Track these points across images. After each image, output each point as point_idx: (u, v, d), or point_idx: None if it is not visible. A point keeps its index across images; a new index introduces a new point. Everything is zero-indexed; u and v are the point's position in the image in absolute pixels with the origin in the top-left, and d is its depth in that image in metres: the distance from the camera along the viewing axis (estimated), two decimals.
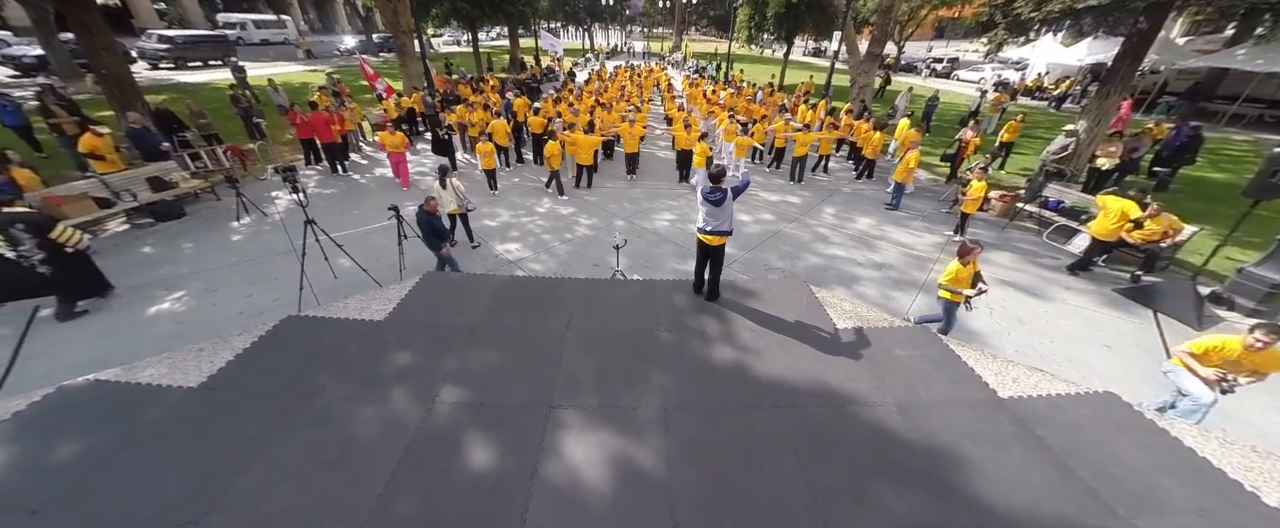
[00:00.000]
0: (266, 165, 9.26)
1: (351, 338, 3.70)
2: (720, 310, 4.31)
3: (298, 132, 9.05)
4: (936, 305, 4.85)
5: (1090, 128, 8.33)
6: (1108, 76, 8.03)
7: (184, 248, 6.35)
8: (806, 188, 9.59)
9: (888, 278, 6.27)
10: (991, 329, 5.24)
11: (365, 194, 8.50)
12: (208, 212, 7.42)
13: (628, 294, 4.53)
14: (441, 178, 6.08)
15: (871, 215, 8.28)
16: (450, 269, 5.46)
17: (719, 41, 44.02)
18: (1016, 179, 9.73)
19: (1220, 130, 14.28)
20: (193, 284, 5.54)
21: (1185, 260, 6.58)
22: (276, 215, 7.42)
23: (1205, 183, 9.47)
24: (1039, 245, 7.24)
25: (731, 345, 3.83)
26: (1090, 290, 6.02)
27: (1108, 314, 5.54)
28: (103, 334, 4.65)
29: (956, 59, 28.58)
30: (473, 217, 6.97)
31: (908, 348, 3.80)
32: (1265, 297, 5.24)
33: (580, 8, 30.80)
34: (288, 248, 6.40)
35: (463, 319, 4.03)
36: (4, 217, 4.40)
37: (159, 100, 9.16)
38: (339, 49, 29.52)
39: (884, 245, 7.17)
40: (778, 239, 7.34)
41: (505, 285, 4.58)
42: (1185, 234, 6.18)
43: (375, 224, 7.22)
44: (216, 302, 5.26)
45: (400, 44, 15.30)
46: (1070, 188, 7.84)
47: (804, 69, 29.05)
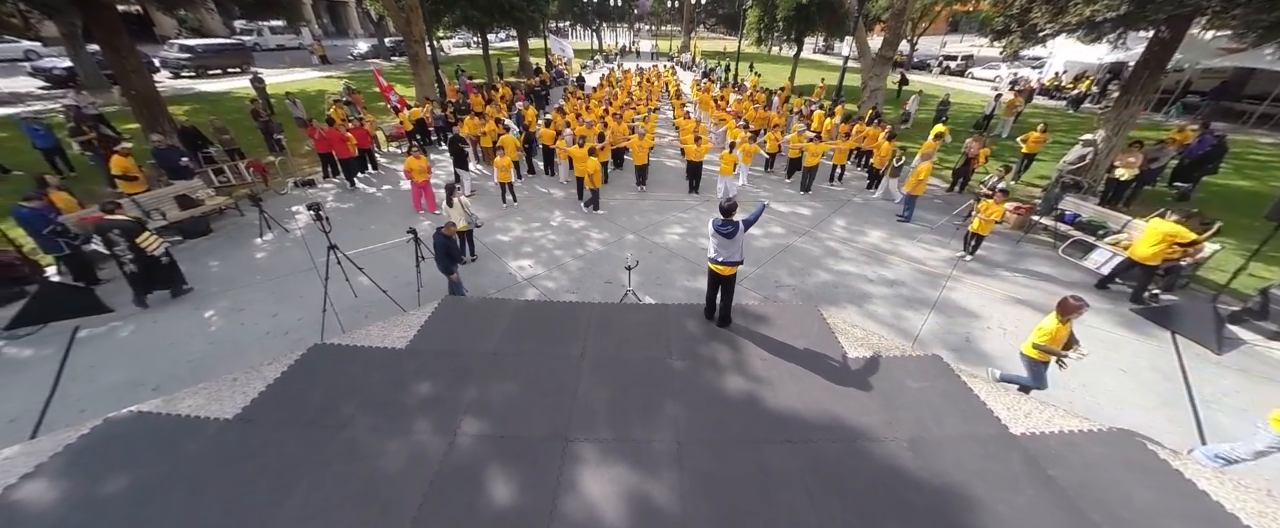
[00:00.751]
0: (286, 178, 9.52)
1: (375, 367, 3.84)
2: (732, 337, 4.37)
3: (315, 146, 9.27)
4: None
5: (1109, 137, 8.18)
6: (1128, 84, 7.88)
7: (211, 266, 6.58)
8: (816, 198, 9.56)
9: (899, 296, 6.26)
10: (1005, 352, 5.22)
11: (381, 209, 8.69)
12: (232, 228, 7.66)
13: (641, 319, 4.62)
14: (449, 196, 6.22)
15: (883, 228, 8.24)
16: (457, 293, 5.58)
17: (727, 40, 43.73)
18: (1033, 189, 9.58)
19: (1246, 132, 13.87)
20: (220, 303, 5.76)
21: (1206, 278, 6.45)
22: (297, 231, 7.63)
23: (1229, 192, 9.24)
24: (1054, 260, 7.16)
25: (743, 375, 3.89)
26: (1107, 310, 5.95)
27: (1124, 336, 5.48)
28: (139, 354, 4.87)
29: (971, 56, 28.03)
30: (485, 231, 7.11)
31: (919, 379, 3.83)
32: None
33: (589, 9, 30.81)
34: (309, 265, 6.60)
35: (481, 346, 4.14)
36: (106, 223, 5.08)
37: (183, 114, 9.49)
38: (352, 53, 29.92)
39: (895, 261, 7.15)
40: (788, 254, 7.35)
41: (522, 311, 4.69)
42: (1207, 252, 6.06)
43: (392, 240, 7.38)
44: (243, 321, 5.46)
45: (413, 52, 15.52)
46: (1087, 200, 7.72)
47: (815, 68, 28.80)
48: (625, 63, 32.70)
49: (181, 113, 14.65)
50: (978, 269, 6.86)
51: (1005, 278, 6.68)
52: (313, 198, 8.99)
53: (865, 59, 14.59)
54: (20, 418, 4.07)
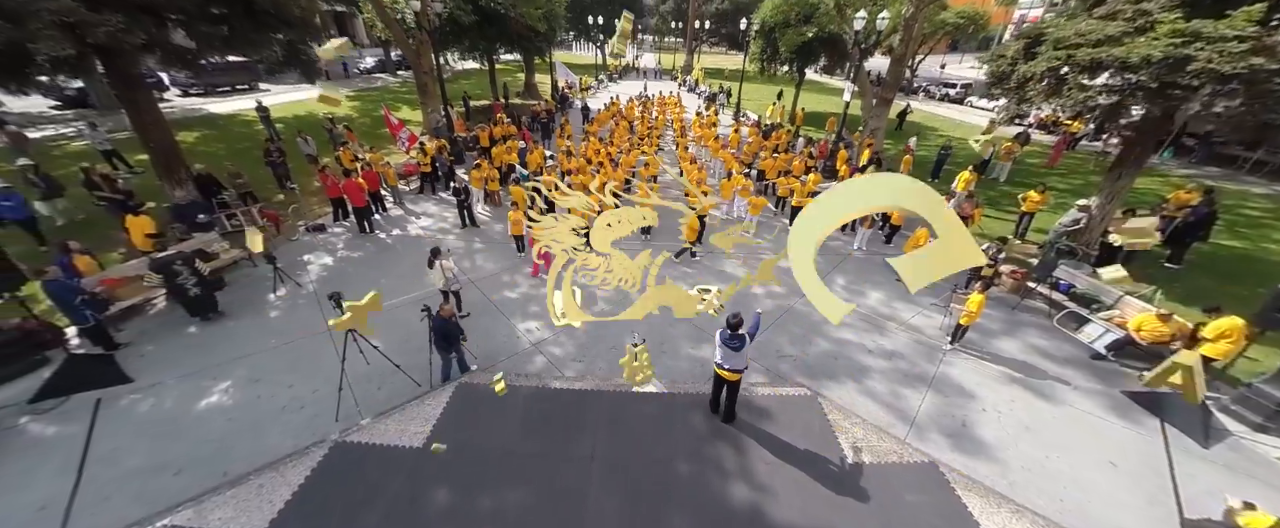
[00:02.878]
0: (297, 223, 9.68)
1: (395, 471, 3.99)
2: (736, 436, 4.54)
3: (327, 191, 9.44)
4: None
5: (1103, 205, 8.41)
6: (1120, 159, 8.12)
7: (227, 326, 6.73)
8: (820, 251, 9.73)
9: (897, 371, 6.43)
10: (999, 440, 5.38)
11: (393, 258, 8.84)
12: (246, 280, 7.80)
13: (648, 412, 4.78)
14: (430, 260, 6.48)
15: (882, 288, 8.43)
16: (460, 367, 5.72)
17: (730, 57, 44.19)
18: (1031, 246, 9.79)
19: (1238, 181, 14.14)
20: (236, 372, 5.90)
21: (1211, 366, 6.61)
22: (309, 285, 7.79)
23: (1220, 258, 9.46)
24: (1049, 331, 7.34)
25: (747, 483, 4.06)
26: (1098, 392, 6.13)
27: (1114, 424, 5.66)
28: (160, 433, 5.01)
29: (970, 85, 28.39)
30: (493, 286, 7.26)
31: (916, 492, 4.00)
32: (1273, 414, 5.33)
33: (595, 30, 31.22)
34: (321, 326, 6.74)
35: (495, 442, 4.31)
36: (172, 256, 6.28)
37: (193, 140, 9.54)
38: (359, 68, 30.18)
39: (894, 329, 7.33)
40: (789, 319, 7.52)
41: (533, 401, 4.86)
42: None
43: (404, 297, 7.53)
44: (260, 394, 5.60)
45: (421, 84, 15.77)
46: (1081, 268, 7.92)
47: (817, 91, 29.11)
48: (627, 83, 33.04)
49: (191, 139, 14.89)
50: (974, 340, 7.04)
51: (1000, 351, 6.86)
52: (324, 243, 9.15)
53: (866, 99, 14.87)
54: (50, 506, 4.20)
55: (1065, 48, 6.50)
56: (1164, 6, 5.84)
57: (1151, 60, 5.56)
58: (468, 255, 9.05)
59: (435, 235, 9.69)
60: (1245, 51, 5.05)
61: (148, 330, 6.47)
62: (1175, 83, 5.60)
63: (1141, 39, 5.80)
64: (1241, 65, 5.02)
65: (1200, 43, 5.36)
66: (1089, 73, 6.28)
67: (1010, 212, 11.48)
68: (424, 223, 10.31)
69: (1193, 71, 5.34)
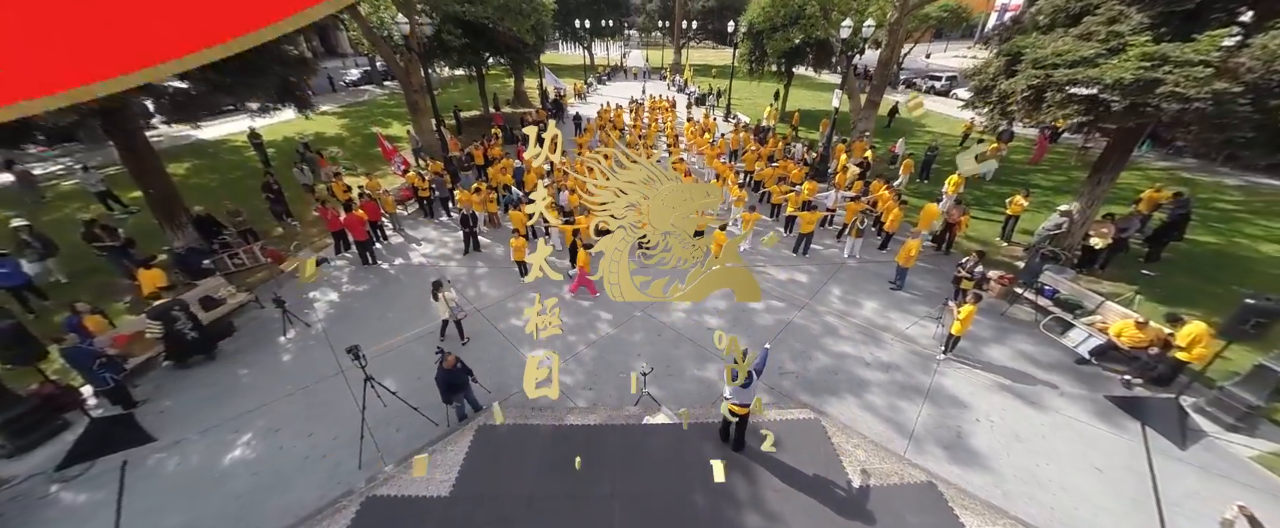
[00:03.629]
0: (298, 256, 9.74)
1: (425, 523, 4.19)
2: (747, 464, 4.79)
3: (328, 225, 9.51)
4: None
5: (1083, 209, 8.74)
6: (1099, 164, 8.44)
7: (241, 375, 6.84)
8: (812, 262, 9.99)
9: (895, 383, 6.72)
10: (992, 449, 5.70)
11: (399, 290, 8.96)
12: (254, 324, 7.89)
13: (661, 445, 5.01)
14: (434, 292, 6.76)
15: (876, 297, 8.71)
16: (471, 406, 5.89)
17: (717, 52, 44.18)
18: (1017, 248, 10.13)
19: (1212, 172, 14.60)
20: (257, 423, 6.04)
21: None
22: (318, 325, 7.90)
23: (1195, 253, 9.86)
24: (1037, 336, 7.67)
25: (759, 512, 4.32)
26: (1084, 398, 6.47)
27: (1100, 430, 6.00)
28: (189, 492, 5.15)
29: (955, 77, 28.72)
30: (499, 314, 7.46)
31: (917, 513, 4.28)
32: (1243, 415, 5.69)
33: (583, 32, 31.10)
34: (335, 369, 6.87)
35: (518, 489, 4.52)
36: (170, 303, 6.47)
37: (184, 171, 9.43)
38: (345, 81, 29.81)
39: (889, 339, 7.62)
40: (789, 333, 7.79)
41: (550, 442, 5.06)
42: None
43: (413, 331, 7.69)
44: (282, 445, 5.75)
45: (411, 101, 15.73)
46: (1064, 272, 8.26)
47: (806, 87, 29.27)
48: (616, 85, 32.99)
49: (183, 171, 14.77)
50: (965, 349, 7.36)
51: (991, 359, 7.18)
52: (328, 278, 9.23)
53: (854, 102, 15.11)
54: None
55: (1044, 67, 6.75)
56: (1135, 29, 6.10)
57: (1124, 82, 5.83)
58: (471, 283, 9.20)
59: (438, 264, 9.82)
60: (1210, 76, 5.33)
61: (163, 385, 6.57)
62: (1146, 102, 5.88)
63: (1115, 60, 6.06)
64: (1206, 90, 5.30)
65: (1169, 66, 5.63)
66: (1066, 91, 6.54)
67: (996, 211, 11.82)
68: (426, 250, 10.42)
69: (1162, 94, 5.62)
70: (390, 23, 14.43)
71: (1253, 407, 5.62)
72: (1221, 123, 5.62)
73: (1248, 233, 10.93)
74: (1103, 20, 6.49)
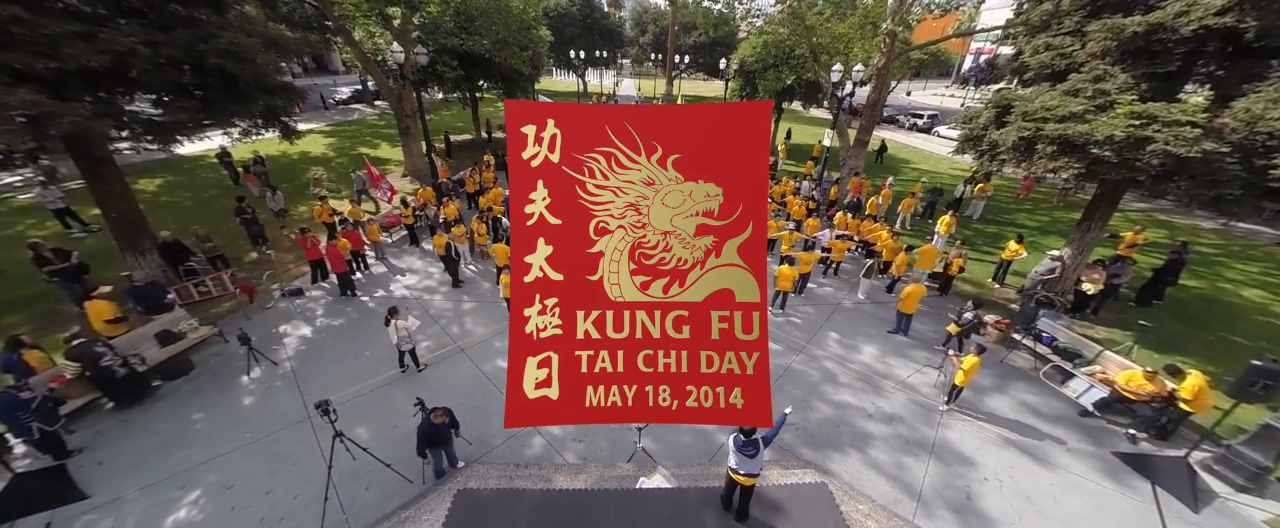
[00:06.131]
0: (271, 286, 9.19)
1: None
2: None
3: (307, 254, 9.05)
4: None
5: (1075, 255, 8.84)
6: (1088, 211, 8.59)
7: (194, 420, 6.23)
8: (808, 302, 9.81)
9: (898, 437, 6.45)
10: (1004, 513, 5.42)
11: (375, 326, 8.39)
12: (216, 361, 7.29)
13: (660, 514, 4.61)
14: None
15: (874, 341, 8.53)
16: (449, 461, 5.43)
17: (709, 84, 45.47)
18: (1010, 290, 10.16)
19: (1191, 216, 15.16)
20: (206, 478, 5.43)
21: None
22: (286, 363, 7.34)
23: (1181, 297, 10.02)
24: (1037, 385, 7.53)
25: None
26: (1091, 454, 6.28)
27: (1110, 489, 5.79)
28: None
29: (936, 115, 29.94)
30: (485, 356, 7.04)
31: None
32: (1253, 475, 5.55)
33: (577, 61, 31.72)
34: (301, 415, 6.32)
35: None
36: (91, 341, 5.95)
37: (155, 188, 8.85)
38: (335, 99, 29.57)
39: (890, 387, 7.39)
40: (787, 380, 7.51)
41: (539, 508, 4.61)
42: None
43: (391, 372, 7.20)
44: (234, 504, 5.16)
45: (403, 126, 15.55)
46: (1061, 319, 8.24)
47: (795, 120, 30.10)
48: None
49: (154, 188, 14.15)
50: (968, 399, 7.16)
51: (994, 409, 6.98)
52: (302, 310, 8.69)
53: (843, 141, 15.43)
54: None
55: (1034, 120, 6.89)
56: (1120, 87, 6.28)
57: (1115, 139, 5.94)
58: (456, 319, 8.76)
59: (422, 296, 9.37)
60: (1198, 137, 5.44)
61: (105, 431, 5.92)
62: (1137, 158, 5.98)
63: (1104, 117, 6.19)
64: (1196, 150, 5.40)
65: (1157, 125, 5.75)
66: (1057, 144, 6.64)
67: (986, 251, 11.95)
68: (409, 281, 9.97)
69: (1152, 152, 5.71)
70: (385, 49, 14.38)
71: (1261, 467, 5.49)
72: (1211, 180, 5.72)
73: (1228, 277, 11.21)
74: (1089, 78, 6.69)
